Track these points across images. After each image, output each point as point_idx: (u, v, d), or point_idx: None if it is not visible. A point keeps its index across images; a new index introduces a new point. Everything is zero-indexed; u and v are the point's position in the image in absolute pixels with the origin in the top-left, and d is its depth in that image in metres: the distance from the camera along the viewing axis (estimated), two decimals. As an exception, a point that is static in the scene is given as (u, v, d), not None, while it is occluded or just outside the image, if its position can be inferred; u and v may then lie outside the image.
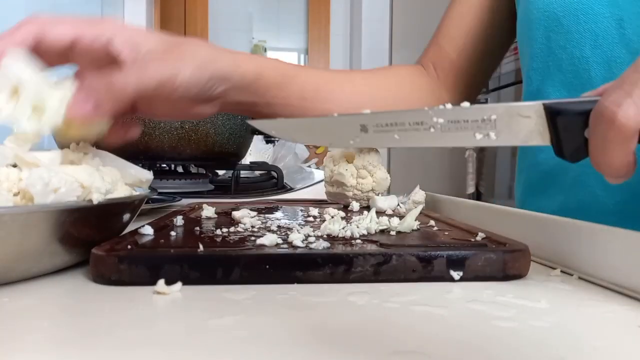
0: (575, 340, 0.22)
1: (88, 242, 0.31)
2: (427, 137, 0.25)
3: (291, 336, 0.21)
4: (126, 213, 0.36)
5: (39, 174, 0.28)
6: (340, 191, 0.58)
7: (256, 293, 0.27)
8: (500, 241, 0.34)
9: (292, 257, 0.30)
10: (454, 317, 0.24)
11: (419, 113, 0.25)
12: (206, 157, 0.84)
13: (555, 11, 0.50)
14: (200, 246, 0.30)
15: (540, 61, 0.53)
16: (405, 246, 0.33)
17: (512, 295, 0.28)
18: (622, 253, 0.29)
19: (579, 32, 0.48)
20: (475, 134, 0.24)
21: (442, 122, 0.24)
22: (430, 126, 0.25)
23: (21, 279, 0.29)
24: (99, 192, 0.31)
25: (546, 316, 0.25)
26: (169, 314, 0.24)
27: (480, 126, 0.24)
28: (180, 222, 0.41)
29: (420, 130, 0.25)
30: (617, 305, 0.27)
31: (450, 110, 0.24)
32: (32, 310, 0.25)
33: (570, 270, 0.33)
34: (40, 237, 0.28)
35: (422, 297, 0.27)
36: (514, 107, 0.24)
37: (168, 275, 0.28)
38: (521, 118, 0.24)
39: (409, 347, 0.20)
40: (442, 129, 0.25)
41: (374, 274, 0.30)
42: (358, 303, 0.26)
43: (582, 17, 0.48)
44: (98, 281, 0.29)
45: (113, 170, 0.36)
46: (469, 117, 0.24)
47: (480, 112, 0.24)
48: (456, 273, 0.30)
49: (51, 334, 0.22)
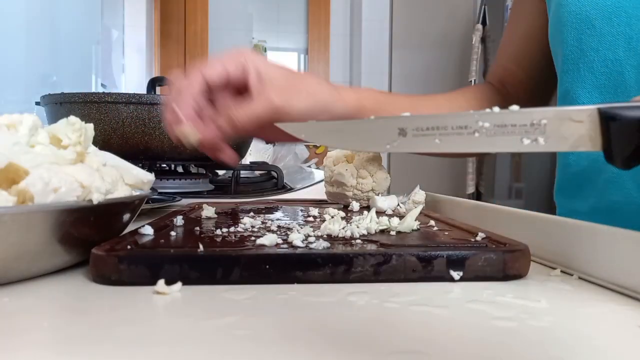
0: (575, 341, 0.22)
1: (88, 242, 0.31)
2: (471, 142, 0.24)
3: (291, 336, 0.21)
4: (126, 213, 0.36)
5: (39, 174, 0.28)
6: (340, 191, 0.58)
7: (256, 293, 0.27)
8: (500, 241, 0.34)
9: (292, 257, 0.30)
10: (454, 317, 0.24)
11: (463, 116, 0.23)
12: (206, 157, 0.83)
13: (587, 13, 0.49)
14: (200, 246, 0.30)
15: (571, 63, 0.52)
16: (405, 246, 0.33)
17: (512, 295, 0.28)
18: (622, 253, 0.29)
19: (612, 35, 0.48)
20: (523, 139, 0.23)
21: (488, 126, 0.23)
22: (474, 130, 0.23)
23: (21, 279, 0.29)
24: (99, 192, 0.31)
25: (546, 316, 0.25)
26: (169, 314, 0.24)
27: (528, 131, 0.23)
28: (180, 222, 0.41)
29: (463, 134, 0.24)
30: (617, 305, 0.27)
31: (497, 113, 0.23)
32: (32, 310, 0.25)
33: (570, 270, 0.33)
34: (40, 237, 0.28)
35: (422, 297, 0.27)
36: (565, 111, 0.23)
37: (168, 275, 0.28)
38: (572, 123, 0.23)
39: (409, 347, 0.20)
40: (488, 133, 0.23)
41: (374, 274, 0.30)
42: (358, 303, 0.26)
43: (616, 19, 0.48)
44: (98, 281, 0.29)
45: (113, 170, 0.36)
46: (517, 121, 0.23)
47: (530, 115, 0.23)
48: (456, 273, 0.30)
49: (51, 333, 0.22)
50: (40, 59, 1.44)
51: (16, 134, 0.34)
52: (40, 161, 0.30)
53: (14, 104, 1.24)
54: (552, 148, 0.23)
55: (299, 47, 3.07)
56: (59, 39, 1.56)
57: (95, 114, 0.74)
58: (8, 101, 1.23)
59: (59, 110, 0.78)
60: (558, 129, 0.23)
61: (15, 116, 0.35)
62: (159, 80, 0.97)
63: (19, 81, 1.31)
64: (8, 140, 0.32)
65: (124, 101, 0.75)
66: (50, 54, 1.51)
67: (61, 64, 1.57)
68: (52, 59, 1.51)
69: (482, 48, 1.94)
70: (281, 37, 3.06)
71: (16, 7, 1.22)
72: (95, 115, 0.74)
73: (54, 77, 1.50)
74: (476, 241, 0.35)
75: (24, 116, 0.35)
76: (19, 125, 0.34)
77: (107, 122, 0.74)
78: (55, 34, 1.54)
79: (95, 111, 0.74)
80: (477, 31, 1.93)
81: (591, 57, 0.50)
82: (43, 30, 1.45)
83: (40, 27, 1.43)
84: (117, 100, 0.75)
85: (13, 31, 1.24)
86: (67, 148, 0.35)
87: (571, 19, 0.51)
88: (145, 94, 0.78)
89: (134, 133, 0.75)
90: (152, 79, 0.95)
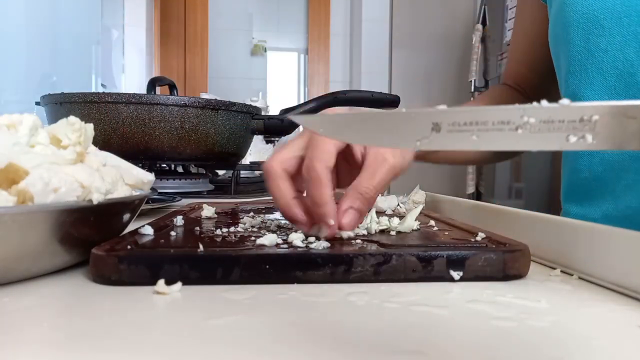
0: (575, 341, 0.22)
1: (88, 242, 0.31)
2: (512, 139, 0.22)
3: (291, 336, 0.21)
4: (126, 213, 0.36)
5: (39, 174, 0.28)
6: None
7: (256, 293, 0.27)
8: (500, 241, 0.34)
9: (292, 257, 0.30)
10: (454, 317, 0.24)
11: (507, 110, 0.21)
12: (206, 157, 0.84)
13: (595, 13, 0.49)
14: (200, 246, 0.30)
15: (577, 64, 0.51)
16: (405, 246, 0.33)
17: (512, 295, 0.28)
18: (622, 253, 0.29)
19: (622, 35, 0.47)
20: (569, 136, 0.21)
21: (534, 121, 0.21)
22: (517, 126, 0.22)
23: (21, 279, 0.29)
24: (99, 192, 0.31)
25: (546, 316, 0.24)
26: (169, 314, 0.24)
27: (577, 127, 0.21)
28: (180, 222, 0.41)
29: (504, 130, 0.22)
30: (617, 305, 0.27)
31: (546, 108, 0.21)
32: (32, 310, 0.25)
33: (570, 270, 0.33)
34: (40, 237, 0.28)
35: (422, 297, 0.27)
36: (619, 106, 0.21)
37: (168, 275, 0.28)
38: (626, 119, 0.21)
39: (409, 347, 0.20)
40: (532, 129, 0.22)
41: (374, 274, 0.30)
42: (358, 303, 0.26)
43: (626, 19, 0.47)
44: (98, 281, 0.29)
45: (113, 170, 0.36)
46: (566, 116, 0.21)
47: (581, 111, 0.21)
48: (456, 273, 0.30)
49: (51, 333, 0.22)
50: (40, 59, 1.44)
51: (16, 134, 0.34)
52: (40, 161, 0.30)
53: (14, 104, 1.24)
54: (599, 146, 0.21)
55: (299, 47, 3.07)
56: (59, 39, 1.56)
57: (95, 114, 0.74)
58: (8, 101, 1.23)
59: (59, 110, 0.78)
60: (609, 125, 0.21)
61: (15, 116, 0.35)
62: (159, 80, 0.97)
63: (19, 81, 1.32)
64: (8, 140, 0.32)
65: (124, 101, 0.75)
66: (50, 54, 1.51)
67: (61, 64, 1.57)
68: (52, 59, 1.51)
69: (482, 48, 1.94)
70: (281, 37, 3.06)
71: (16, 7, 1.22)
72: (95, 115, 0.74)
73: (54, 77, 1.50)
74: (476, 241, 0.35)
75: (24, 116, 0.35)
76: (19, 126, 0.34)
77: (107, 122, 0.74)
78: (55, 34, 1.54)
79: (95, 111, 0.75)
80: (477, 31, 1.93)
81: (600, 57, 0.49)
82: (43, 30, 1.45)
83: (40, 27, 1.43)
84: (117, 100, 0.75)
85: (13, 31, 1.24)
86: (67, 148, 0.35)
87: (577, 18, 0.50)
88: (145, 94, 0.78)
89: (134, 133, 0.75)
90: (152, 79, 0.95)
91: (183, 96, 0.78)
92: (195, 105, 0.78)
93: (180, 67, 2.79)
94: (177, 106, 0.76)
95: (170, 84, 0.97)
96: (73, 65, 1.70)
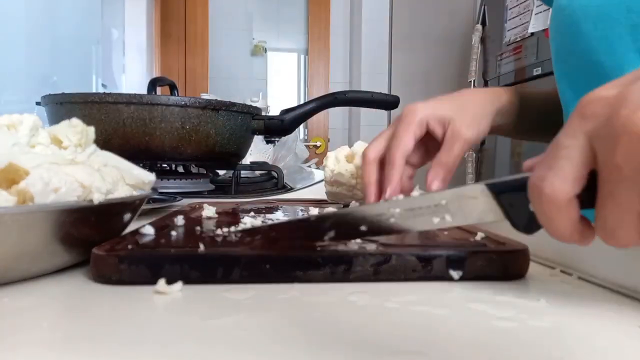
0: (575, 340, 0.22)
1: (88, 242, 0.31)
2: (391, 226, 0.26)
3: (291, 336, 0.21)
4: (127, 213, 0.36)
5: (39, 174, 0.28)
6: (340, 191, 0.58)
7: (256, 293, 0.27)
8: (500, 241, 0.34)
9: (292, 257, 0.30)
10: (454, 317, 0.24)
11: (377, 206, 0.26)
12: (207, 157, 0.84)
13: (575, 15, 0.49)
14: (200, 246, 0.30)
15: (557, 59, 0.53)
16: (405, 246, 0.33)
17: (512, 295, 0.28)
18: (622, 253, 0.29)
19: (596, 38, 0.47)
20: (433, 219, 0.25)
21: (399, 211, 0.26)
22: (389, 216, 0.26)
23: (21, 279, 0.29)
24: (100, 192, 0.31)
25: (546, 316, 0.25)
26: (170, 314, 0.24)
27: (435, 211, 0.25)
28: (181, 222, 0.41)
29: (382, 221, 0.26)
30: (617, 305, 0.27)
31: (402, 200, 0.26)
32: (32, 310, 0.25)
33: (570, 270, 0.33)
34: (40, 237, 0.28)
35: (422, 297, 0.27)
36: (460, 190, 0.24)
37: (169, 274, 0.28)
38: (470, 199, 0.24)
39: (409, 347, 0.20)
40: (401, 217, 0.26)
41: (374, 274, 0.30)
42: (358, 303, 0.26)
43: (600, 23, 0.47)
44: (98, 281, 0.29)
45: (114, 170, 0.36)
46: (422, 204, 0.25)
47: (430, 199, 0.25)
48: (456, 273, 0.30)
49: (51, 333, 0.22)
50: (40, 59, 1.44)
51: (16, 134, 0.34)
52: (41, 161, 0.30)
53: (14, 104, 1.24)
54: (462, 222, 0.25)
55: (299, 47, 3.07)
56: (59, 39, 1.56)
57: (96, 114, 0.74)
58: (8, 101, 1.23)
59: (59, 111, 0.78)
60: (460, 206, 0.24)
61: (16, 116, 0.35)
62: (160, 81, 0.97)
63: (19, 81, 1.32)
64: (8, 140, 0.32)
65: (125, 101, 0.75)
66: (51, 54, 1.51)
67: (61, 64, 1.57)
68: (52, 59, 1.51)
69: (482, 48, 1.94)
70: (281, 37, 3.06)
71: (16, 7, 1.22)
72: (96, 116, 0.74)
73: (55, 77, 1.50)
74: (476, 241, 0.35)
75: (24, 116, 0.35)
76: (19, 126, 0.35)
77: (108, 122, 0.74)
78: (55, 34, 1.54)
79: (96, 111, 0.74)
80: (477, 31, 1.93)
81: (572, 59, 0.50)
82: (43, 30, 1.45)
83: (41, 27, 1.43)
84: (118, 101, 0.75)
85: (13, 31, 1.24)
86: (67, 149, 0.35)
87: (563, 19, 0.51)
88: (145, 94, 0.78)
89: (134, 133, 0.75)
90: (152, 79, 0.95)
91: (184, 96, 0.78)
92: (195, 106, 0.78)
93: (180, 67, 2.79)
94: (177, 106, 0.76)
95: (170, 84, 0.97)
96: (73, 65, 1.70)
